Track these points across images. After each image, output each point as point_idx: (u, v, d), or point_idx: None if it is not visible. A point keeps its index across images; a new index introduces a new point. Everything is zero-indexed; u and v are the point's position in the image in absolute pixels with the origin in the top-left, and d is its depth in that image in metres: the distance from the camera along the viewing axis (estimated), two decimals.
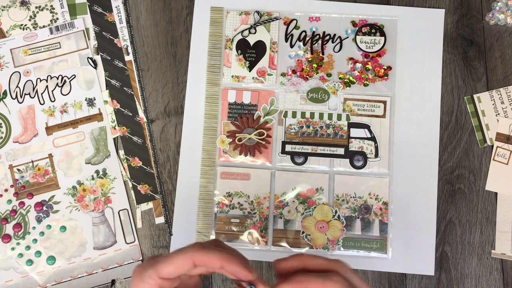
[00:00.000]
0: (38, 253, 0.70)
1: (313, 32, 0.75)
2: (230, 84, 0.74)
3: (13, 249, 0.70)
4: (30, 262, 0.70)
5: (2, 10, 0.75)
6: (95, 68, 0.74)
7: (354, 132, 0.72)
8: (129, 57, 0.75)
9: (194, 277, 0.40)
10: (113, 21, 0.76)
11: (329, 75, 0.74)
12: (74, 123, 0.73)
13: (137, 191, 0.72)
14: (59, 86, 0.74)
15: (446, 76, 0.74)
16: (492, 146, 0.72)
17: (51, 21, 0.75)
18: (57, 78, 0.74)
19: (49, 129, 0.73)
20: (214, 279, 0.70)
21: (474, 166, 0.72)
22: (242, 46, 0.74)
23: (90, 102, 0.74)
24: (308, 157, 0.72)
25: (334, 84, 0.73)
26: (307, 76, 0.74)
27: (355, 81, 0.73)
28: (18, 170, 0.72)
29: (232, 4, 0.75)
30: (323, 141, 0.72)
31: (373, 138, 0.72)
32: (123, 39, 0.75)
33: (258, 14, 0.75)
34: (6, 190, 0.71)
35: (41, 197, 0.71)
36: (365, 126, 0.72)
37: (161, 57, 0.75)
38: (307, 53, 0.74)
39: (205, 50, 0.75)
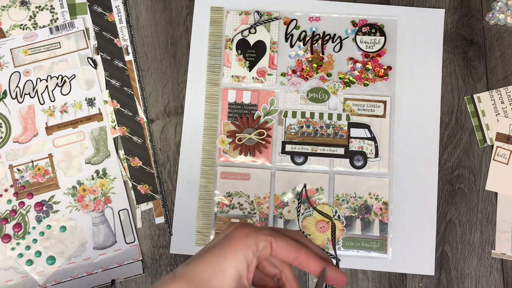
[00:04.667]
0: (38, 253, 0.70)
1: (313, 32, 0.74)
2: (230, 84, 0.74)
3: (13, 249, 0.70)
4: (30, 262, 0.70)
5: (2, 10, 0.75)
6: (95, 68, 0.74)
7: (354, 132, 0.72)
8: (129, 57, 0.75)
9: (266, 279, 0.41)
10: (113, 21, 0.76)
11: (329, 75, 0.74)
12: (74, 123, 0.73)
13: (137, 191, 0.72)
14: (59, 86, 0.74)
15: (446, 76, 0.74)
16: (492, 146, 0.72)
17: (51, 21, 0.75)
18: (57, 78, 0.74)
19: (49, 129, 0.73)
20: None
21: (474, 166, 0.72)
22: (242, 46, 0.74)
23: (90, 102, 0.74)
24: (308, 157, 0.72)
25: (334, 84, 0.73)
26: (307, 76, 0.73)
27: (355, 81, 0.73)
28: (18, 170, 0.72)
29: (232, 4, 0.75)
30: (323, 141, 0.72)
31: (373, 138, 0.72)
32: (123, 39, 0.75)
33: (258, 14, 0.75)
34: (6, 190, 0.71)
35: (41, 197, 0.71)
36: (365, 126, 0.72)
37: (161, 57, 0.75)
38: (307, 53, 0.74)
39: (205, 50, 0.75)
